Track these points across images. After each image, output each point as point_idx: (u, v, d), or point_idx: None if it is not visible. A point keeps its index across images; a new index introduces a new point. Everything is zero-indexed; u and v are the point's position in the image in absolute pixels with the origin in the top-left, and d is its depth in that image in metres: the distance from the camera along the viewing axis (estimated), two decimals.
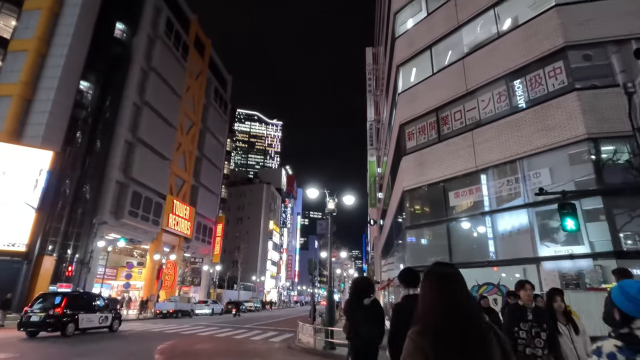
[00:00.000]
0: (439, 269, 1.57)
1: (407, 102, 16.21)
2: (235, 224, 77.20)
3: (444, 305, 1.43)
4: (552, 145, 10.60)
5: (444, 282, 1.51)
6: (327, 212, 11.86)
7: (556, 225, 10.79)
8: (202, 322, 22.98)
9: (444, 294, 1.47)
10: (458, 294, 1.48)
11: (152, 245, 34.54)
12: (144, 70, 33.25)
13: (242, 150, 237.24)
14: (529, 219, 11.06)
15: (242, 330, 17.00)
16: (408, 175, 15.14)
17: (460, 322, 1.38)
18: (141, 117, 32.15)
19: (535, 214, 11.31)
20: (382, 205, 32.62)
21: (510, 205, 11.45)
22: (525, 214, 11.19)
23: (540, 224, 11.24)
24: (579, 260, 9.71)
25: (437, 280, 1.52)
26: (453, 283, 1.51)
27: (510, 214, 11.64)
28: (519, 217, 11.49)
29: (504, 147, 11.86)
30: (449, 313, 1.41)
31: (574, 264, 9.78)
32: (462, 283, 1.52)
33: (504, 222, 11.94)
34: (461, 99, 13.78)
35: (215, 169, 48.82)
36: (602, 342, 1.59)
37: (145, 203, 32.10)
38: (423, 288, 1.58)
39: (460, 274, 1.56)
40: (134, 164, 30.73)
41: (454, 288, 1.49)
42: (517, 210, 11.35)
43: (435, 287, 1.50)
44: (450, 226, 13.33)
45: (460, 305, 1.43)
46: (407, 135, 15.89)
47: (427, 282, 1.56)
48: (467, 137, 13.13)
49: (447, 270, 1.57)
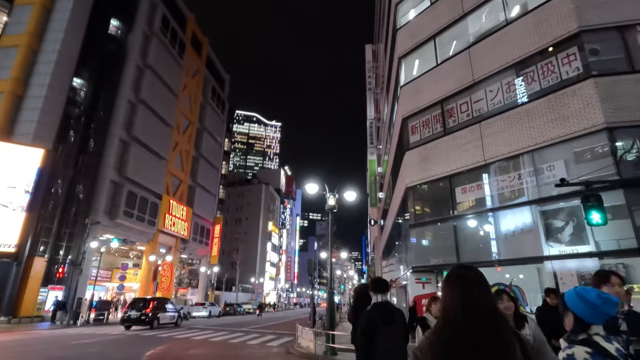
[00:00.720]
0: (459, 272, 1.54)
1: (410, 94, 15.56)
2: (234, 225, 76.47)
3: (461, 309, 1.40)
4: (567, 136, 9.95)
5: (462, 285, 1.47)
6: (327, 209, 11.19)
7: (560, 224, 10.23)
8: (198, 325, 22.27)
9: (461, 297, 1.43)
10: (476, 297, 1.43)
11: (148, 246, 33.80)
12: (139, 67, 32.57)
13: (240, 151, 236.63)
14: (540, 216, 10.41)
15: (239, 334, 16.30)
16: (411, 171, 14.48)
17: (477, 326, 1.34)
18: (136, 115, 31.46)
19: (539, 213, 10.73)
20: (382, 205, 31.97)
21: (522, 201, 10.77)
22: (539, 210, 10.54)
23: (545, 223, 10.63)
24: (593, 259, 9.10)
25: (456, 282, 1.49)
26: (472, 286, 1.46)
27: (521, 210, 10.97)
28: (531, 214, 10.83)
29: (515, 139, 11.21)
30: (465, 317, 1.37)
31: (592, 262, 9.14)
32: (482, 286, 1.47)
33: (515, 219, 11.27)
34: (467, 90, 13.14)
35: (212, 169, 48.12)
36: (570, 349, 1.61)
37: (140, 203, 31.38)
38: (443, 290, 1.54)
39: (481, 276, 1.52)
40: (128, 163, 30.02)
41: (473, 291, 1.44)
42: (529, 206, 10.69)
43: (453, 290, 1.47)
44: (457, 224, 12.66)
45: (478, 309, 1.39)
46: (410, 129, 15.23)
47: (447, 284, 1.52)
48: (475, 130, 12.48)
49: (466, 273, 1.52)
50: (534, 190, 10.56)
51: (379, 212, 37.30)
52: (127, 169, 29.85)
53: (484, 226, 11.93)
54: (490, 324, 1.36)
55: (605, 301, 1.65)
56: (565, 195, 9.82)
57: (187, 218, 39.79)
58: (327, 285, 10.71)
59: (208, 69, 48.49)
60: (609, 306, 1.65)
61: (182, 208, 38.93)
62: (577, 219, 9.86)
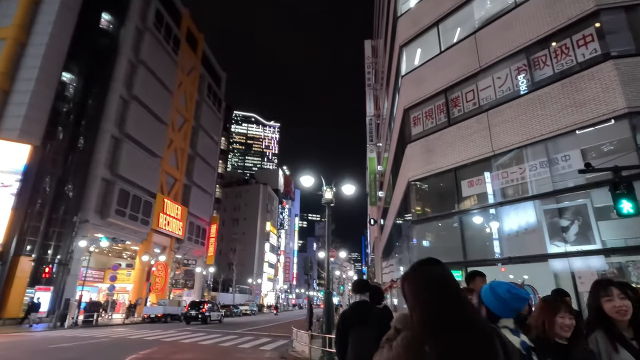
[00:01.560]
0: (422, 269, 1.34)
1: (412, 84, 14.77)
2: (231, 225, 75.60)
3: (427, 310, 1.23)
4: (585, 123, 9.17)
5: (426, 285, 1.29)
6: (324, 202, 10.38)
7: (566, 223, 9.50)
8: (191, 326, 21.42)
9: (427, 298, 1.26)
10: (443, 297, 1.25)
11: (141, 246, 32.91)
12: (131, 63, 31.72)
13: (239, 152, 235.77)
14: (546, 214, 9.63)
15: (232, 337, 15.47)
16: (414, 164, 13.68)
17: (444, 327, 1.17)
18: (129, 112, 30.60)
19: (543, 211, 10.01)
20: (382, 203, 31.20)
21: (535, 194, 9.98)
22: (552, 202, 9.76)
23: (550, 223, 9.89)
24: (606, 257, 8.36)
25: (420, 282, 1.30)
26: (439, 285, 1.28)
27: (533, 205, 10.18)
28: (542, 210, 10.05)
29: (526, 127, 10.43)
30: (429, 321, 1.20)
31: (610, 260, 8.37)
32: (448, 284, 1.29)
33: (526, 214, 10.48)
34: (474, 77, 12.36)
35: (209, 168, 47.24)
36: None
37: (133, 202, 30.50)
38: (407, 290, 1.34)
39: (448, 272, 1.34)
40: (120, 161, 29.15)
41: (439, 290, 1.27)
42: (542, 199, 9.89)
43: (419, 290, 1.29)
44: (463, 219, 11.87)
45: (447, 310, 1.22)
46: (412, 121, 14.44)
47: (411, 284, 1.33)
48: (482, 119, 11.70)
49: (432, 270, 1.33)
50: (547, 182, 9.77)
51: (379, 212, 36.53)
52: (119, 166, 28.98)
53: (493, 222, 11.13)
54: (460, 323, 1.19)
55: (514, 296, 1.70)
56: (583, 186, 9.04)
57: (182, 217, 38.92)
58: (325, 286, 9.84)
59: (204, 66, 47.64)
60: (517, 301, 1.70)
61: (177, 207, 38.06)
62: (582, 218, 9.23)
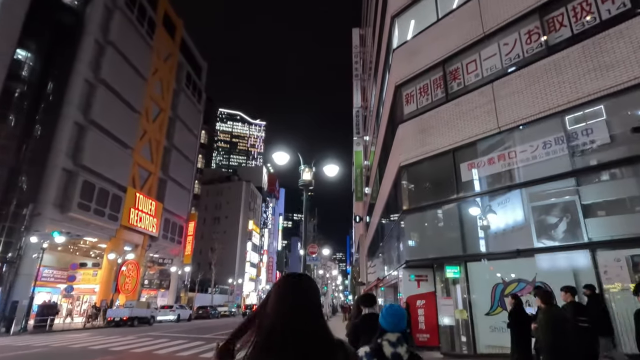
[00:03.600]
0: (284, 280, 1.32)
1: (404, 58, 13.15)
2: (212, 224, 72.93)
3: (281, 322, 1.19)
4: (612, 89, 7.68)
5: (278, 296, 1.27)
6: (301, 184, 8.62)
7: (554, 221, 8.11)
8: (158, 330, 19.32)
9: (282, 308, 1.23)
10: (288, 307, 1.22)
11: (109, 243, 30.39)
12: (99, 43, 29.15)
13: (223, 150, 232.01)
14: (572, 190, 8.11)
15: (198, 342, 13.54)
16: (406, 147, 12.05)
17: (294, 343, 1.15)
18: (95, 97, 28.03)
19: (532, 209, 8.62)
20: (369, 199, 29.66)
21: (550, 175, 8.43)
22: (567, 184, 8.24)
23: (537, 220, 8.48)
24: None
25: (276, 292, 1.28)
26: (289, 297, 1.25)
27: (546, 187, 8.64)
28: (557, 190, 8.53)
29: (539, 98, 8.91)
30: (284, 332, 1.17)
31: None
32: (301, 296, 1.26)
33: (537, 197, 8.95)
34: (476, 45, 10.81)
35: (187, 162, 44.75)
36: (362, 348, 1.99)
37: (100, 195, 28.03)
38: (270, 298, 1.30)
39: (305, 286, 1.29)
40: (85, 150, 26.63)
41: (288, 302, 1.24)
42: (560, 180, 8.36)
43: (272, 299, 1.27)
44: (463, 207, 10.29)
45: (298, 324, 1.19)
46: (404, 99, 12.82)
47: (272, 292, 1.30)
48: (486, 92, 10.14)
49: (291, 282, 1.31)
50: (565, 161, 8.24)
51: (365, 208, 35.02)
52: (83, 156, 26.47)
53: (498, 209, 9.56)
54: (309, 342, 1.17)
55: (389, 313, 2.02)
56: (609, 164, 7.54)
57: (157, 214, 36.47)
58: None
59: (183, 54, 45.10)
60: (392, 317, 2.01)
61: (151, 203, 35.60)
62: (571, 215, 7.98)
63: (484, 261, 9.55)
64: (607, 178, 7.74)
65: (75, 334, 17.52)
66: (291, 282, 1.30)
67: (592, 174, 7.89)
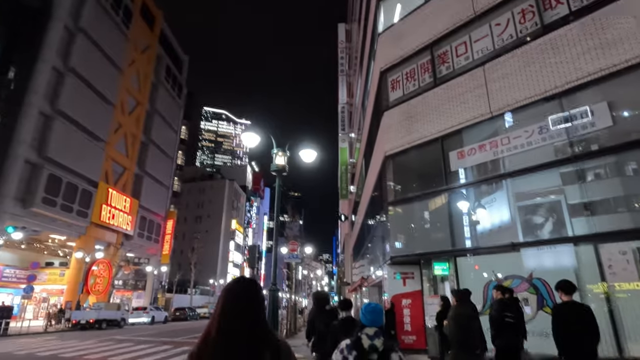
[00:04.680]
0: (230, 283, 1.43)
1: (390, 42, 12.38)
2: (194, 223, 71.11)
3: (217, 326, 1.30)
4: (615, 68, 7.04)
5: (219, 300, 1.38)
6: (273, 170, 7.69)
7: (540, 221, 7.58)
8: (127, 334, 18.02)
9: (220, 313, 1.33)
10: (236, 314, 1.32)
11: (78, 241, 28.67)
12: (69, 30, 27.48)
13: (208, 149, 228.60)
14: (574, 177, 7.45)
15: (165, 347, 12.42)
16: (392, 135, 11.26)
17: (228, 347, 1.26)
18: (64, 86, 26.34)
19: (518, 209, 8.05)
20: (354, 197, 28.92)
21: (548, 162, 7.75)
22: (567, 173, 7.58)
23: (524, 220, 7.87)
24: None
25: (221, 294, 1.39)
26: (233, 297, 1.36)
27: (542, 174, 7.96)
28: (554, 178, 7.87)
29: (534, 80, 8.23)
30: (220, 334, 1.28)
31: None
32: (239, 297, 1.36)
33: (531, 187, 8.27)
34: (466, 26, 10.11)
35: (166, 158, 43.10)
36: (344, 340, 2.21)
37: (67, 190, 26.37)
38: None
39: (246, 288, 1.40)
40: (51, 142, 24.96)
41: (229, 309, 1.33)
42: (557, 167, 7.69)
43: (219, 300, 1.38)
44: (452, 198, 9.55)
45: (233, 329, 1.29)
46: (390, 85, 12.04)
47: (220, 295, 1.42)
48: (477, 75, 9.43)
49: (233, 285, 1.43)
50: (564, 146, 7.57)
51: (350, 206, 34.29)
52: (49, 148, 24.79)
53: (490, 199, 8.84)
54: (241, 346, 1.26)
55: (368, 311, 2.30)
56: (614, 148, 6.89)
57: (132, 211, 34.83)
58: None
59: (162, 46, 43.41)
60: (370, 314, 2.28)
61: (125, 199, 33.95)
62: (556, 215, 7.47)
63: (474, 257, 8.81)
64: (613, 161, 7.08)
65: (30, 338, 16.08)
66: (230, 286, 1.40)
67: (594, 159, 7.22)
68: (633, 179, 6.99)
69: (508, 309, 5.27)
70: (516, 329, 5.21)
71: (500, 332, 5.16)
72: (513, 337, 5.18)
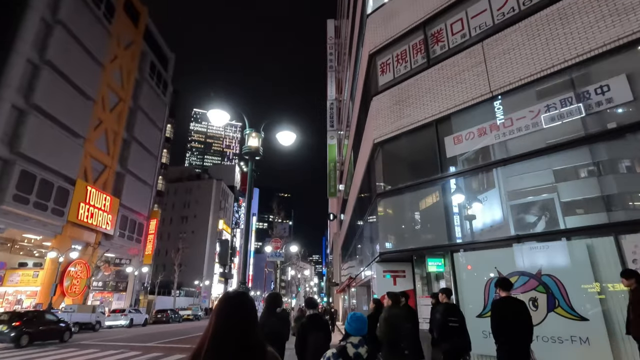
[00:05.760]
0: (223, 297, 1.45)
1: (380, 22, 11.48)
2: (180, 223, 69.57)
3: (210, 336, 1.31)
4: (634, 35, 6.21)
5: (213, 313, 1.39)
6: (244, 152, 6.70)
7: (533, 219, 6.92)
8: (98, 339, 16.74)
9: (214, 324, 1.34)
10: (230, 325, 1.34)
11: (54, 241, 27.16)
12: (46, 22, 26.13)
13: (197, 150, 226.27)
14: (589, 162, 6.61)
15: (134, 353, 11.26)
16: (382, 121, 10.34)
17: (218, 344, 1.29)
18: (39, 79, 25.00)
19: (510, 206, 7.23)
20: (342, 195, 28.03)
21: (559, 143, 6.88)
22: (582, 154, 6.73)
23: (517, 219, 7.05)
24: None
25: (216, 307, 1.41)
26: (219, 315, 1.36)
27: (550, 158, 7.11)
28: (566, 160, 7.03)
29: (540, 54, 7.38)
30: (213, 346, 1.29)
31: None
32: (230, 314, 1.36)
33: (535, 172, 7.40)
34: (462, 2, 9.24)
35: (149, 156, 41.65)
36: (329, 350, 2.28)
37: (42, 187, 24.96)
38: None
39: (240, 301, 1.42)
40: (24, 136, 23.56)
41: (219, 319, 1.34)
42: (566, 150, 6.83)
43: (214, 312, 1.39)
44: (448, 188, 8.65)
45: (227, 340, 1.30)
46: (379, 68, 11.13)
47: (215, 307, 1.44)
48: (475, 52, 8.57)
49: (227, 298, 1.44)
50: (575, 125, 6.72)
51: (339, 204, 33.40)
52: (21, 143, 23.37)
53: (491, 187, 7.96)
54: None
55: (353, 320, 2.40)
56: (633, 126, 6.04)
57: (112, 210, 33.35)
58: (241, 273, 6.21)
59: (147, 43, 42.04)
60: (355, 322, 2.38)
61: (106, 198, 32.49)
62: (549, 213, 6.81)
63: (473, 252, 7.90)
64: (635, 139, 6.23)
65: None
66: (223, 300, 1.41)
67: (611, 139, 6.37)
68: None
69: (452, 314, 5.37)
70: (461, 332, 5.29)
71: (445, 336, 5.27)
72: (458, 341, 5.28)
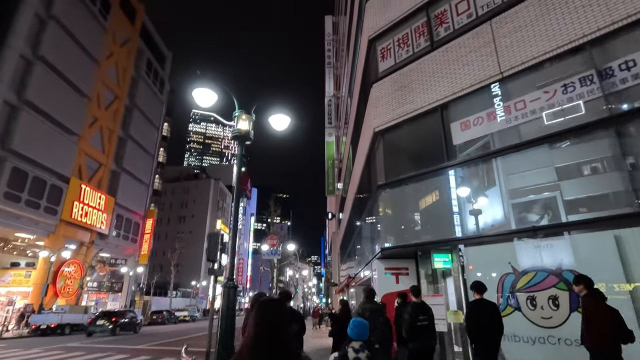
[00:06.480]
0: (260, 303, 1.66)
1: (380, 6, 10.88)
2: (177, 223, 68.94)
3: (253, 332, 1.55)
4: None
5: (256, 314, 1.60)
6: (233, 136, 6.12)
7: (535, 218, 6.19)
8: (87, 340, 16.12)
9: (253, 324, 1.57)
10: (264, 326, 1.56)
11: (47, 240, 26.58)
12: (40, 17, 25.62)
13: (196, 151, 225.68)
14: (611, 145, 6.00)
15: (122, 356, 10.67)
16: (382, 109, 9.74)
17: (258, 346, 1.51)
18: (32, 75, 24.47)
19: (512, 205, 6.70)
20: (341, 193, 27.42)
21: (579, 125, 6.27)
22: (603, 138, 6.13)
23: (518, 218, 6.49)
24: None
25: (255, 311, 1.61)
26: (262, 318, 1.58)
27: (567, 143, 6.51)
28: (590, 145, 6.43)
29: (555, 30, 6.78)
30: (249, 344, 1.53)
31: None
32: (268, 318, 1.59)
33: (565, 156, 6.80)
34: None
35: (146, 155, 41.06)
36: (332, 354, 2.56)
37: (34, 185, 24.38)
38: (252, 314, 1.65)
39: (274, 309, 1.63)
40: (16, 133, 23.02)
41: (260, 323, 1.56)
42: (588, 134, 6.23)
43: (254, 317, 1.59)
44: (456, 177, 8.05)
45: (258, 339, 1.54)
46: (379, 54, 10.53)
47: (253, 311, 1.64)
48: (483, 32, 7.97)
49: (264, 305, 1.64)
50: (597, 105, 6.11)
51: (337, 202, 32.78)
52: (13, 139, 22.82)
53: (503, 176, 7.35)
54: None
55: (355, 325, 2.61)
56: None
57: (107, 208, 32.74)
58: (227, 270, 5.63)
59: (144, 41, 41.51)
60: (356, 328, 2.58)
61: (100, 196, 31.88)
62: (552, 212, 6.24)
63: (483, 246, 7.29)
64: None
65: None
66: (260, 306, 1.62)
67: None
68: None
69: (421, 312, 5.41)
70: (430, 331, 5.38)
71: (414, 335, 5.32)
72: (427, 340, 5.34)
